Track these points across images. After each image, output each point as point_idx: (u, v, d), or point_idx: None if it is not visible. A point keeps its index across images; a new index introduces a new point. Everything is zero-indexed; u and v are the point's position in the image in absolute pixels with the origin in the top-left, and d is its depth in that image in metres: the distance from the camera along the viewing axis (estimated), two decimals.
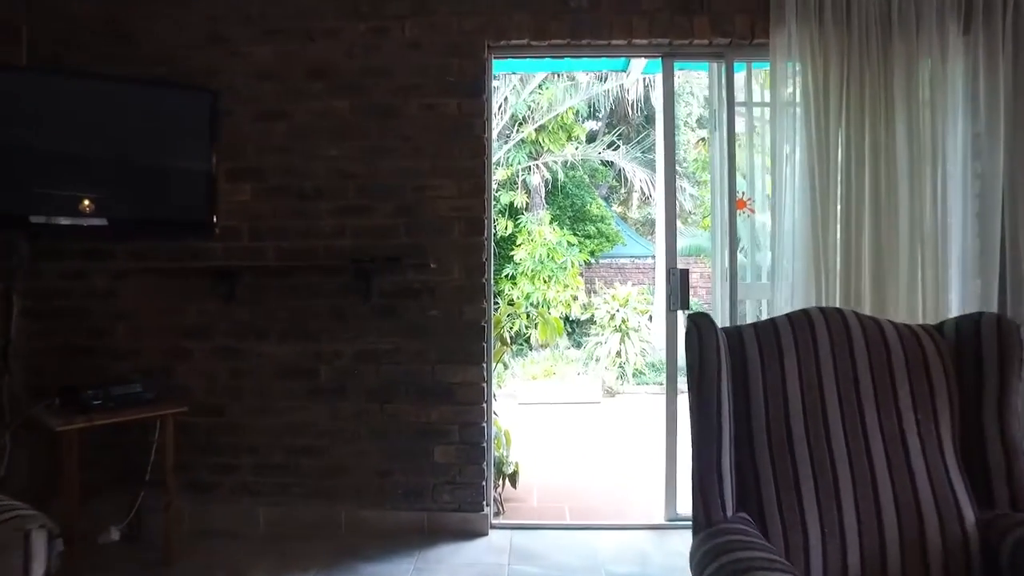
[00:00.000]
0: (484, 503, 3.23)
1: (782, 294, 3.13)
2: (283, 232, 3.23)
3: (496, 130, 9.89)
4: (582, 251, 10.17)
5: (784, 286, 3.13)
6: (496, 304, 9.51)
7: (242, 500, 3.25)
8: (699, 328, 1.65)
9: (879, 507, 1.60)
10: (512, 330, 8.79)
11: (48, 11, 3.20)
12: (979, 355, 1.69)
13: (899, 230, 3.04)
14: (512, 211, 10.28)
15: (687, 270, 3.30)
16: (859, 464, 1.64)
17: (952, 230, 3.07)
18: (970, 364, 1.70)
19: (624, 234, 11.65)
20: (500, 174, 10.04)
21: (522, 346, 9.45)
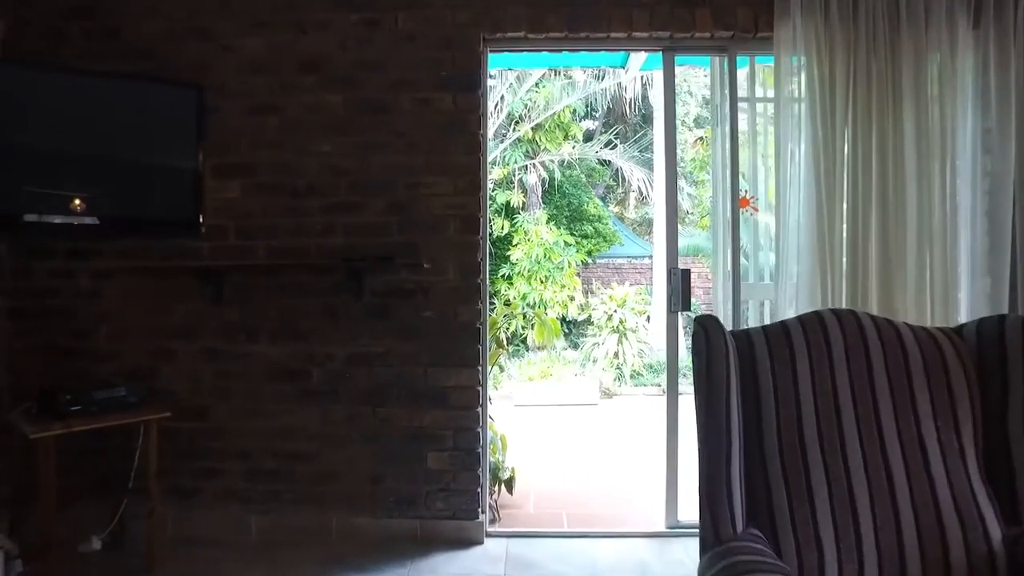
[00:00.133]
0: (479, 510, 3.13)
1: (786, 295, 3.05)
2: (272, 230, 3.13)
3: (492, 129, 9.80)
4: (579, 251, 10.07)
5: (788, 287, 3.05)
6: (492, 304, 9.46)
7: (230, 507, 3.15)
8: (707, 331, 1.56)
9: (898, 522, 1.51)
10: (508, 331, 8.71)
11: (30, 4, 3.09)
12: (1003, 359, 1.60)
13: (907, 228, 2.96)
14: (508, 210, 10.19)
15: (688, 270, 3.21)
16: (876, 475, 1.55)
17: (961, 228, 2.99)
18: (994, 369, 1.61)
19: (621, 234, 11.56)
20: (496, 173, 9.94)
21: (519, 347, 9.36)
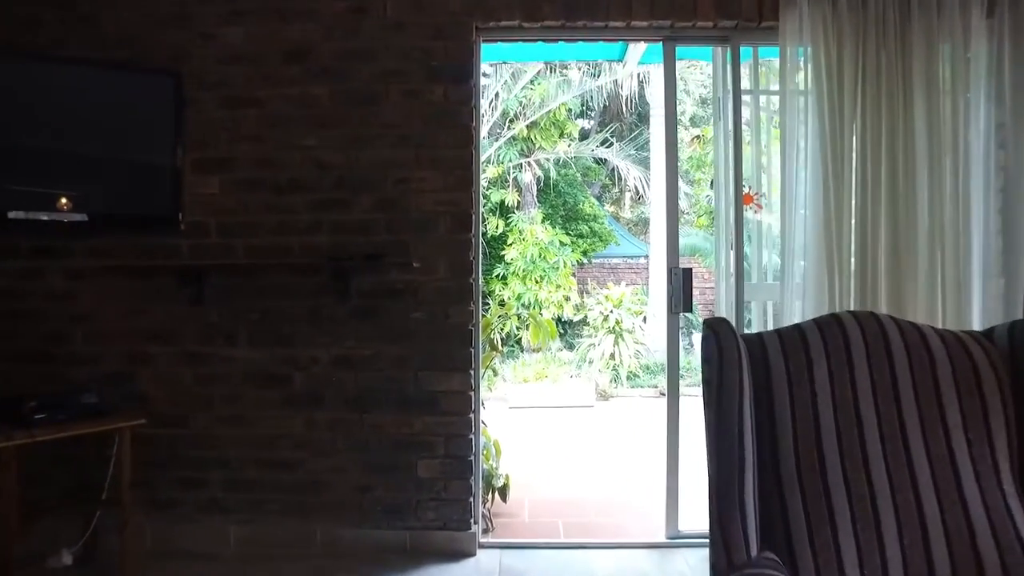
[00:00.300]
0: (471, 520, 3.00)
1: (791, 295, 2.93)
2: (254, 228, 2.99)
3: (487, 126, 9.66)
4: (575, 251, 9.96)
5: (794, 286, 2.92)
6: (486, 305, 9.34)
7: (210, 518, 3.00)
8: (718, 336, 1.43)
9: (928, 545, 1.38)
10: (503, 331, 8.57)
11: None
12: None
13: (918, 226, 2.85)
14: (503, 209, 10.07)
15: (690, 269, 3.08)
16: (903, 494, 1.42)
17: (974, 226, 2.87)
18: None
19: (617, 233, 11.44)
20: (491, 172, 9.81)
21: (513, 348, 9.23)
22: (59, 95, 2.75)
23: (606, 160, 11.51)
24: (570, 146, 10.68)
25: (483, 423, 3.25)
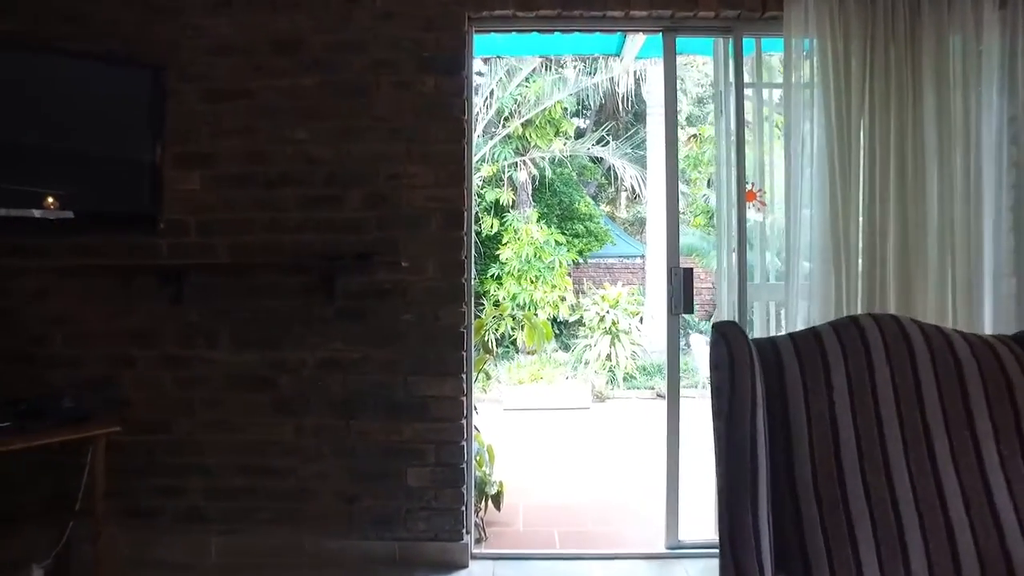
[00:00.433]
0: (463, 531, 2.88)
1: (797, 295, 2.82)
2: (237, 226, 2.86)
3: (482, 124, 9.55)
4: (570, 250, 9.86)
5: (799, 287, 2.82)
6: (481, 306, 9.22)
7: (191, 527, 2.88)
8: (728, 342, 1.31)
9: (957, 561, 1.26)
10: (498, 332, 8.46)
11: None
12: None
13: (927, 224, 2.76)
14: (498, 209, 9.96)
15: (691, 269, 2.97)
16: (929, 510, 1.31)
17: (985, 224, 2.77)
18: None
19: (613, 233, 11.35)
20: (486, 170, 9.70)
21: (508, 348, 9.12)
22: (30, 87, 2.62)
23: (602, 159, 11.41)
24: (566, 145, 10.57)
25: (476, 428, 3.13)
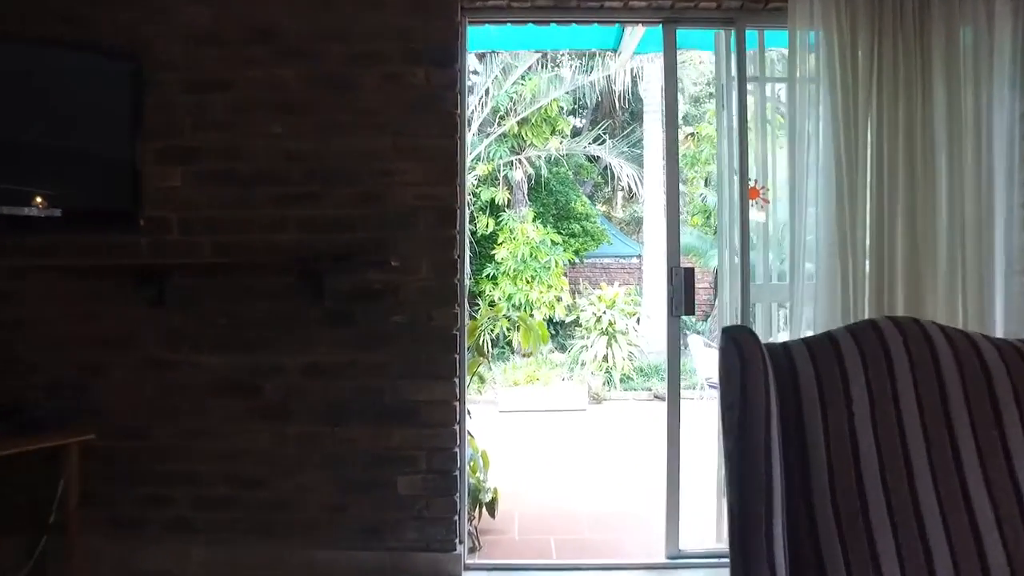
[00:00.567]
0: (456, 541, 2.77)
1: (802, 296, 2.72)
2: (220, 224, 2.75)
3: (477, 123, 9.43)
4: (566, 250, 9.76)
5: (804, 287, 2.72)
6: (476, 306, 9.11)
7: (173, 538, 2.75)
8: (740, 348, 1.20)
9: None
10: (493, 332, 8.35)
11: None
12: None
13: (937, 222, 2.68)
14: (493, 208, 9.85)
15: (692, 269, 2.87)
16: (960, 534, 1.20)
17: (997, 222, 2.68)
18: None
19: (609, 233, 11.25)
20: (481, 169, 9.59)
21: (503, 349, 9.01)
22: (8, 77, 2.50)
23: (598, 158, 11.31)
24: (562, 143, 10.47)
25: (469, 434, 3.02)
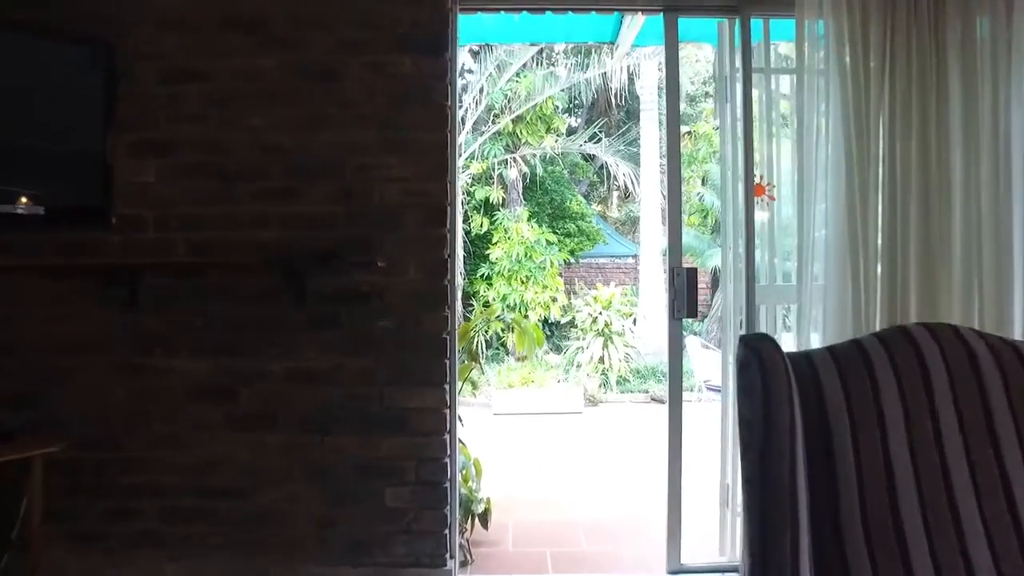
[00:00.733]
0: (447, 555, 2.62)
1: (810, 298, 2.59)
2: (197, 222, 2.59)
3: (471, 121, 9.30)
4: (561, 250, 9.64)
5: (812, 289, 2.59)
6: (470, 307, 8.96)
7: (144, 553, 2.60)
8: (762, 361, 1.07)
9: None
10: (487, 333, 8.22)
11: None
12: None
13: (952, 222, 2.55)
14: (488, 207, 9.73)
15: (695, 269, 2.74)
16: (1008, 557, 1.07)
17: (1016, 223, 2.55)
18: None
19: (605, 232, 11.13)
20: (475, 168, 9.45)
21: (498, 351, 8.87)
22: None
23: (594, 156, 11.19)
24: (557, 142, 10.34)
25: (461, 442, 2.88)
